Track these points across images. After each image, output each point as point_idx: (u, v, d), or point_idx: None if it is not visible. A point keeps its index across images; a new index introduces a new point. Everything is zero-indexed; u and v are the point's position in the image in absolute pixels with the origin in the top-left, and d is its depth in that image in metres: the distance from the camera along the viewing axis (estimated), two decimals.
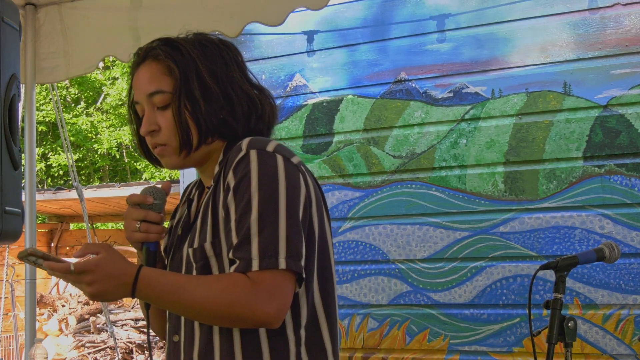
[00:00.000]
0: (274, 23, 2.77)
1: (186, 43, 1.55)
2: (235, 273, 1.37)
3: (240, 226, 1.39)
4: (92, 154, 14.18)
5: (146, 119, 1.53)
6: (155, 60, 1.54)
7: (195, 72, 1.52)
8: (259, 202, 1.39)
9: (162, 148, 1.54)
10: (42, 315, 8.82)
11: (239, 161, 1.43)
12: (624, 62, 3.05)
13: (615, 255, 2.13)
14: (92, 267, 1.34)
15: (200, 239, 1.50)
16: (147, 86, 1.53)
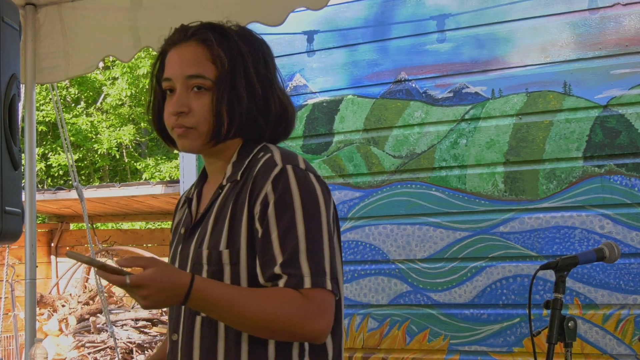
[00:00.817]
0: (274, 23, 2.77)
1: (236, 35, 1.55)
2: (287, 289, 1.39)
3: (286, 242, 1.41)
4: (92, 154, 14.18)
5: (178, 99, 1.51)
6: (202, 44, 1.53)
7: (242, 67, 1.52)
8: (304, 220, 1.42)
9: (187, 130, 1.52)
10: (42, 315, 8.81)
11: (278, 176, 1.45)
12: (624, 62, 3.05)
13: (615, 255, 2.13)
14: (147, 282, 1.34)
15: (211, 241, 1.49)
16: (189, 67, 1.51)
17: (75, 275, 9.73)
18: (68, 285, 9.75)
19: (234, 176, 1.53)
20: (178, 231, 1.65)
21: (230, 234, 1.47)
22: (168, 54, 1.56)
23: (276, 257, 1.41)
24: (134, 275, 1.34)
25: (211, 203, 1.54)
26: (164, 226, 12.52)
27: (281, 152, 1.51)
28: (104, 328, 8.33)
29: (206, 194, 1.62)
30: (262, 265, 1.43)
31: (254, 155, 1.53)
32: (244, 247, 1.46)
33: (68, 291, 9.64)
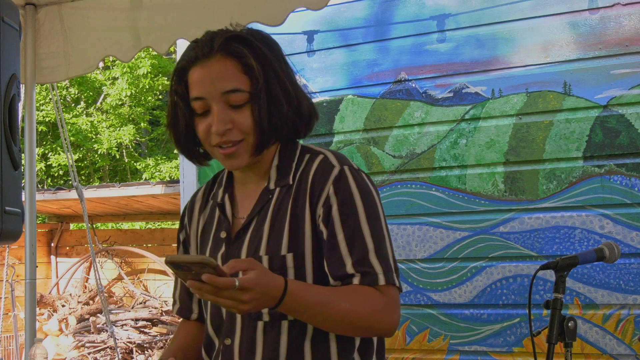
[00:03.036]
0: (274, 23, 2.77)
1: (256, 40, 1.52)
2: (366, 287, 1.44)
3: (354, 242, 1.45)
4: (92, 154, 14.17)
5: (220, 117, 1.48)
6: (229, 56, 1.49)
7: (273, 72, 1.51)
8: (367, 220, 1.47)
9: (236, 145, 1.50)
10: (42, 315, 8.81)
11: (337, 178, 1.49)
12: (624, 62, 3.05)
13: (615, 255, 2.13)
14: (252, 285, 1.32)
15: (270, 246, 1.50)
16: (223, 84, 1.48)
17: (75, 275, 9.73)
18: (68, 285, 9.75)
19: (283, 180, 1.54)
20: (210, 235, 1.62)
21: (292, 237, 1.49)
22: (191, 72, 1.51)
23: (345, 257, 1.45)
24: (242, 278, 1.32)
25: (261, 208, 1.54)
26: (164, 226, 12.51)
27: (333, 153, 1.54)
28: (104, 328, 8.33)
29: (242, 198, 1.61)
30: (331, 265, 1.46)
31: (298, 157, 1.55)
32: (309, 249, 1.49)
33: (68, 291, 9.64)
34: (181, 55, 1.56)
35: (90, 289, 9.46)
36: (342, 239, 1.46)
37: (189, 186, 3.86)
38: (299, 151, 1.58)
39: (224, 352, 1.54)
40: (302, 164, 1.54)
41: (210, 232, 1.62)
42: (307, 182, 1.51)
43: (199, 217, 1.68)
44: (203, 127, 1.51)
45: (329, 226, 1.47)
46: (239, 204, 1.61)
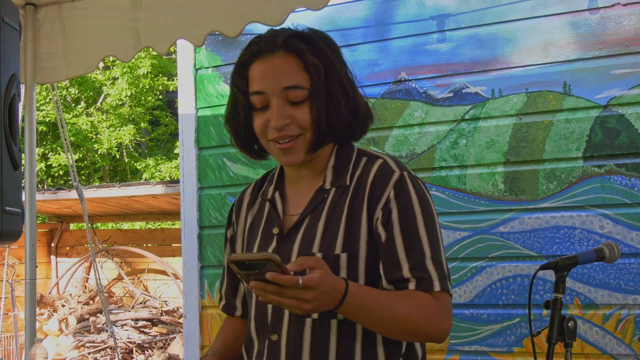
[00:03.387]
0: (274, 23, 2.76)
1: (318, 39, 1.55)
2: (422, 292, 1.47)
3: (411, 247, 1.48)
4: (92, 154, 14.16)
5: (278, 112, 1.51)
6: (292, 53, 1.52)
7: (333, 71, 1.53)
8: (425, 226, 1.50)
9: (293, 141, 1.52)
10: (42, 315, 8.81)
11: (398, 183, 1.51)
12: (624, 62, 3.05)
13: (615, 255, 2.13)
14: (315, 284, 1.33)
15: (324, 244, 1.51)
16: (284, 79, 1.51)
17: (75, 275, 9.73)
18: (68, 285, 9.75)
19: (340, 180, 1.56)
20: (259, 231, 1.63)
21: (347, 237, 1.51)
22: (253, 66, 1.54)
23: (402, 262, 1.48)
24: (305, 277, 1.32)
25: (315, 206, 1.56)
26: (164, 226, 12.51)
27: (392, 159, 1.57)
28: (104, 328, 8.33)
29: (294, 196, 1.62)
30: (387, 269, 1.49)
31: (355, 159, 1.58)
32: (364, 251, 1.50)
33: (68, 291, 9.64)
34: (242, 50, 1.58)
35: (90, 289, 9.46)
36: (400, 243, 1.49)
37: (189, 186, 3.86)
38: (355, 153, 1.60)
39: (270, 348, 1.54)
40: (359, 166, 1.57)
41: (258, 228, 1.64)
42: (366, 185, 1.53)
43: (247, 214, 1.70)
44: (261, 121, 1.54)
45: (388, 230, 1.49)
46: (290, 201, 1.63)
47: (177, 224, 11.00)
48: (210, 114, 3.83)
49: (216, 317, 3.79)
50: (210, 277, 3.81)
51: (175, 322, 8.44)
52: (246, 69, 1.55)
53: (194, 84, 3.87)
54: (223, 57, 3.83)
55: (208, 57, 3.85)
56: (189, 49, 3.84)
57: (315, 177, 1.60)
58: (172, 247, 9.27)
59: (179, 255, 7.95)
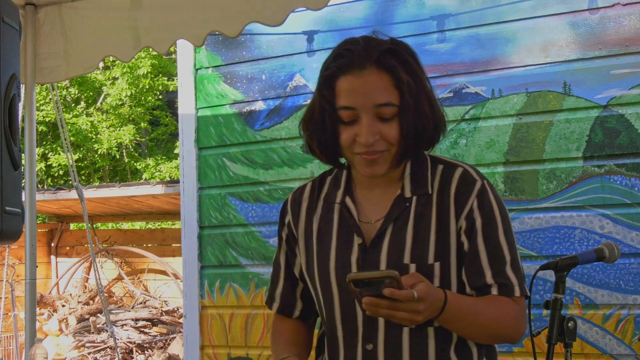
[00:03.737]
0: (274, 23, 2.77)
1: (408, 55, 1.58)
2: (505, 297, 1.54)
3: (494, 254, 1.54)
4: (92, 154, 14.16)
5: (369, 129, 1.51)
6: (383, 70, 1.53)
7: (421, 86, 1.56)
8: (504, 233, 1.57)
9: (380, 155, 1.54)
10: (42, 315, 8.81)
11: (481, 192, 1.57)
12: (624, 62, 3.05)
13: (615, 255, 2.12)
14: (425, 295, 1.38)
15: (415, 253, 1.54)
16: (377, 96, 1.51)
17: (75, 275, 9.73)
18: (68, 285, 9.75)
19: (421, 189, 1.59)
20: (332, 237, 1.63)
21: (439, 246, 1.55)
22: (342, 79, 1.54)
23: (485, 268, 1.54)
24: (418, 289, 1.38)
25: (398, 215, 1.57)
26: (164, 226, 12.51)
27: (470, 167, 1.64)
28: (104, 328, 8.33)
29: (366, 202, 1.63)
30: (471, 275, 1.55)
31: (430, 167, 1.62)
32: (454, 258, 1.56)
33: (68, 291, 9.64)
34: (329, 60, 1.59)
35: (90, 289, 9.46)
36: (483, 251, 1.54)
37: (189, 186, 3.86)
38: (430, 161, 1.63)
39: (366, 357, 1.56)
40: (436, 174, 1.61)
41: (330, 234, 1.63)
42: (450, 194, 1.57)
43: (309, 217, 1.69)
44: (348, 135, 1.54)
45: (471, 238, 1.55)
46: (363, 207, 1.63)
47: (177, 224, 11.00)
48: (210, 114, 3.83)
49: (216, 317, 3.79)
50: (210, 277, 3.82)
51: (175, 322, 8.44)
52: (334, 81, 1.55)
53: (194, 84, 3.87)
54: (223, 57, 3.83)
55: (208, 57, 3.85)
56: (189, 49, 3.84)
57: (390, 185, 1.61)
58: (172, 247, 9.27)
59: (179, 255, 7.95)
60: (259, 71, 3.75)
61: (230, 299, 3.76)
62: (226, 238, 3.79)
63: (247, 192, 3.75)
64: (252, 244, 3.73)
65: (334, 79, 1.55)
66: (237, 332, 3.74)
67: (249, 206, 3.75)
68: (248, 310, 3.72)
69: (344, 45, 1.57)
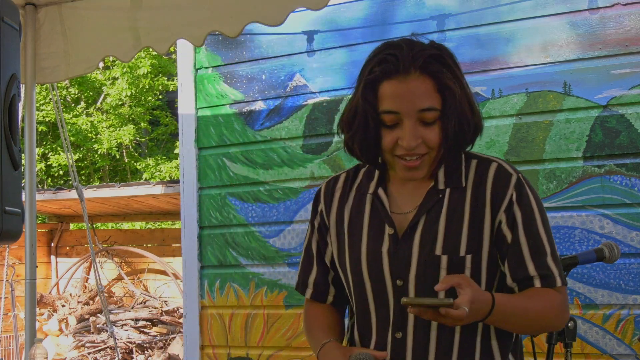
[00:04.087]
0: (274, 23, 2.77)
1: (449, 59, 1.58)
2: (548, 289, 1.58)
3: (535, 247, 1.58)
4: (92, 154, 14.16)
5: (412, 133, 1.54)
6: (427, 75, 1.55)
7: (464, 92, 1.58)
8: (543, 225, 1.60)
9: (421, 160, 1.57)
10: (42, 315, 8.81)
11: (517, 185, 1.60)
12: (624, 62, 3.05)
13: (615, 255, 2.13)
14: (469, 305, 1.42)
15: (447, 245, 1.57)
16: (421, 102, 1.54)
17: (75, 275, 9.73)
18: (68, 285, 9.75)
19: (454, 182, 1.62)
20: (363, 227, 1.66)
21: (471, 239, 1.58)
22: (386, 84, 1.56)
23: (527, 261, 1.57)
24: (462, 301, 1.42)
25: (431, 207, 1.60)
26: (164, 226, 12.51)
27: (504, 161, 1.65)
28: (104, 328, 8.33)
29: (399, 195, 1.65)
30: (513, 268, 1.58)
31: (465, 161, 1.64)
32: (486, 252, 1.58)
33: (68, 291, 9.64)
34: (372, 64, 1.59)
35: (90, 289, 9.46)
36: (525, 244, 1.57)
37: (189, 186, 3.86)
38: (464, 155, 1.65)
39: (395, 345, 1.60)
40: (470, 168, 1.63)
41: (361, 224, 1.67)
42: (486, 187, 1.60)
43: (341, 206, 1.72)
44: (390, 138, 1.57)
45: (514, 231, 1.58)
46: (396, 199, 1.66)
47: (177, 224, 10.99)
48: (210, 114, 3.83)
49: (216, 317, 3.79)
50: (210, 277, 3.82)
51: (175, 322, 8.44)
52: (377, 85, 1.57)
53: (194, 84, 3.87)
54: (223, 57, 3.83)
55: (208, 57, 3.85)
56: (189, 49, 3.84)
57: (423, 178, 1.63)
58: (172, 247, 9.27)
59: (179, 255, 7.94)
60: (259, 71, 3.75)
61: (230, 299, 3.76)
62: (226, 238, 3.79)
63: (247, 192, 3.75)
64: (252, 244, 3.73)
65: (377, 83, 1.57)
66: (237, 332, 3.74)
67: (249, 206, 3.75)
68: (248, 310, 3.72)
69: (386, 49, 1.59)
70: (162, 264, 9.09)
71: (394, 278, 1.59)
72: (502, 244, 1.58)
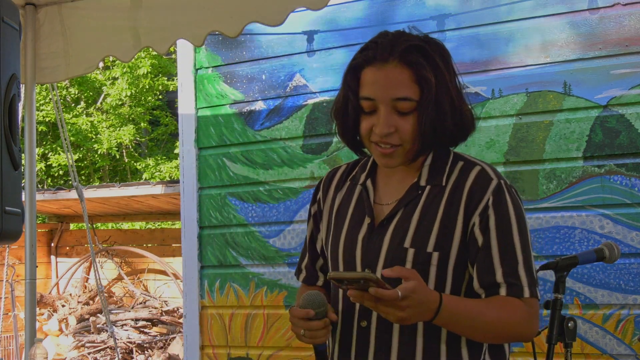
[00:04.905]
0: (274, 23, 2.77)
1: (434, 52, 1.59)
2: (513, 298, 1.54)
3: (506, 254, 1.56)
4: (92, 154, 14.16)
5: (385, 120, 1.56)
6: (406, 65, 1.56)
7: (443, 85, 1.58)
8: (519, 233, 1.58)
9: (394, 149, 1.58)
10: (42, 315, 8.81)
11: (496, 191, 1.58)
12: (624, 62, 3.05)
13: (615, 255, 2.13)
14: (410, 293, 1.40)
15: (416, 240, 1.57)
16: (395, 90, 1.55)
17: (75, 275, 9.73)
18: (68, 285, 9.75)
19: (436, 180, 1.62)
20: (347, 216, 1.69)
21: (440, 236, 1.56)
22: (366, 71, 1.58)
23: (496, 267, 1.55)
24: (402, 287, 1.40)
25: (409, 201, 1.61)
26: (164, 226, 12.51)
27: (489, 166, 1.64)
28: (104, 328, 8.34)
29: (385, 186, 1.68)
30: (481, 272, 1.56)
31: (451, 162, 1.65)
32: (454, 252, 1.56)
33: (68, 291, 9.64)
34: (358, 51, 1.62)
35: (90, 289, 9.46)
36: (496, 248, 1.55)
37: (189, 186, 3.86)
38: (452, 157, 1.66)
39: (360, 334, 1.61)
40: (455, 169, 1.63)
41: (346, 213, 1.69)
42: (464, 189, 1.59)
43: (335, 195, 1.75)
44: (366, 125, 1.59)
45: (485, 235, 1.56)
46: (381, 190, 1.68)
47: (177, 224, 11.00)
48: (210, 114, 3.83)
49: (216, 317, 3.79)
50: (210, 277, 3.82)
51: (175, 322, 8.44)
52: (359, 72, 1.60)
53: (194, 84, 3.87)
54: (223, 57, 3.83)
55: (208, 57, 3.85)
56: (189, 49, 3.84)
57: (410, 172, 1.65)
58: (172, 247, 9.27)
59: (179, 255, 7.94)
60: (259, 71, 3.75)
61: (230, 299, 3.76)
62: (226, 238, 3.79)
63: (247, 192, 3.75)
64: (252, 244, 3.73)
65: (359, 70, 1.60)
66: (237, 332, 3.74)
67: (249, 206, 3.75)
68: (248, 310, 3.72)
69: (374, 37, 1.62)
70: (162, 264, 9.09)
71: (364, 266, 1.61)
72: (473, 247, 1.56)
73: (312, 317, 1.56)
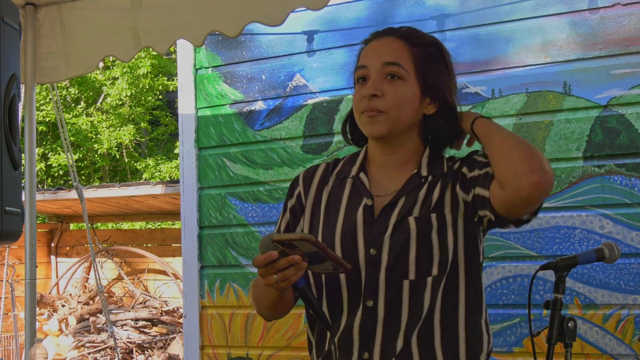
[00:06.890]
0: (274, 23, 2.77)
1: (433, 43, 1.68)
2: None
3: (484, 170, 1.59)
4: (92, 154, 14.17)
5: (372, 83, 1.64)
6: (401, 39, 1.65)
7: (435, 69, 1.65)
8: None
9: (378, 114, 1.63)
10: (42, 315, 8.82)
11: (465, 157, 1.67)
12: (624, 62, 3.05)
13: (615, 255, 2.12)
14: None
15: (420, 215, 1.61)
16: (386, 55, 1.64)
17: (75, 275, 9.73)
18: (68, 285, 9.75)
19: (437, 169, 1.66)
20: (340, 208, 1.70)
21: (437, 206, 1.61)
22: (363, 50, 1.70)
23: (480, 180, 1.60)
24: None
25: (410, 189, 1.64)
26: (164, 226, 12.51)
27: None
28: (104, 328, 8.34)
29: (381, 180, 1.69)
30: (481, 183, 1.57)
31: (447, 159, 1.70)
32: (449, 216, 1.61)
33: (68, 291, 9.64)
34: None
35: (90, 289, 9.46)
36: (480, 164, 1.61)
37: (189, 186, 3.86)
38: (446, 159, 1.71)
39: (366, 313, 1.61)
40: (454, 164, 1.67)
41: (339, 202, 1.70)
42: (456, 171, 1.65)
43: (319, 190, 1.76)
44: (358, 94, 1.68)
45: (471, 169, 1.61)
46: (377, 183, 1.69)
47: (177, 224, 11.00)
48: (210, 114, 3.83)
49: (216, 317, 3.79)
50: (210, 277, 3.82)
51: (175, 322, 8.44)
52: (360, 53, 1.70)
53: (194, 84, 3.87)
54: (223, 57, 3.83)
55: (208, 57, 3.85)
56: (189, 49, 3.84)
57: (405, 166, 1.68)
58: (172, 247, 9.27)
59: (179, 255, 7.95)
60: (259, 71, 3.75)
61: (230, 299, 3.76)
62: (226, 238, 3.79)
63: (247, 192, 3.75)
64: (252, 244, 3.73)
65: (360, 52, 1.71)
66: (237, 332, 3.75)
67: (249, 206, 3.75)
68: (248, 310, 3.72)
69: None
70: (162, 264, 9.09)
71: (368, 247, 1.62)
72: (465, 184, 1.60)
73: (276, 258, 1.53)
